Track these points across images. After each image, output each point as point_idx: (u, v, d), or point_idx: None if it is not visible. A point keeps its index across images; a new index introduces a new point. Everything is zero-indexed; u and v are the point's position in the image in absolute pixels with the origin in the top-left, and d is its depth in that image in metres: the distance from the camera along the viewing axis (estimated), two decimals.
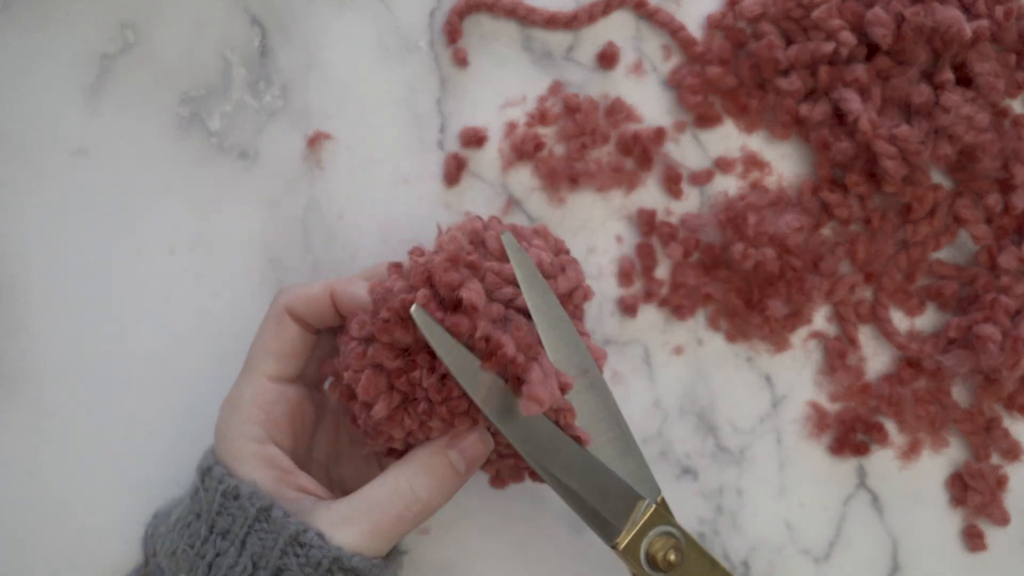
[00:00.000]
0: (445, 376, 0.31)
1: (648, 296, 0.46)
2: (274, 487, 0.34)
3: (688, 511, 0.45)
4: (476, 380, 0.31)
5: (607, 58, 0.46)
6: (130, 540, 0.42)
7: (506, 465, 0.38)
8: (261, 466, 0.34)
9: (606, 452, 0.34)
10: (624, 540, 0.33)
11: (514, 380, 0.31)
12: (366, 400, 0.32)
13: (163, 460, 0.43)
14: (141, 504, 0.41)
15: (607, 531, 0.33)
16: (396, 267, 0.34)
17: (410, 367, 0.32)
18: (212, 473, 0.34)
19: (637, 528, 0.33)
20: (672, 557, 0.33)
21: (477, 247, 0.34)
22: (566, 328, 0.33)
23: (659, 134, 0.46)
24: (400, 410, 0.33)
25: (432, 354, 0.31)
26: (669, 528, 0.34)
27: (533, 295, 0.33)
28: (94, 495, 0.44)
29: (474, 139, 0.45)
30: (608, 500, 0.33)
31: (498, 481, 0.42)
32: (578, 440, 0.32)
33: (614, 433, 0.34)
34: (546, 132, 0.46)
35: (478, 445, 0.34)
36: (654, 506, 0.34)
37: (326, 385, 0.39)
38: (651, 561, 0.33)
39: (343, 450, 0.40)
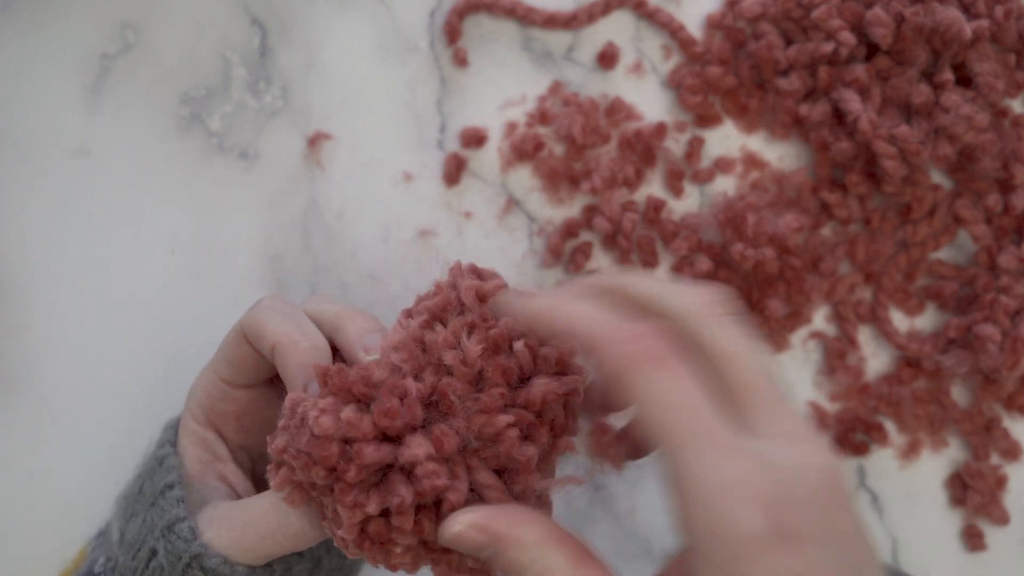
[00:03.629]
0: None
1: None
2: (199, 468, 0.34)
3: None
4: None
5: (607, 58, 0.46)
6: None
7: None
8: (197, 445, 0.35)
9: None
10: None
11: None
12: (278, 490, 0.31)
13: None
14: None
15: None
16: (329, 377, 0.29)
17: (320, 492, 0.30)
18: (163, 434, 0.36)
19: None
20: None
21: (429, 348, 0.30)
22: None
23: (660, 129, 0.46)
24: (313, 503, 0.31)
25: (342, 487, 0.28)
26: None
27: None
28: (94, 495, 0.44)
29: (474, 139, 0.45)
30: None
31: None
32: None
33: None
34: (546, 132, 0.46)
35: None
36: None
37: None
38: None
39: None
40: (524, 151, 0.45)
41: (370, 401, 0.28)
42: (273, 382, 0.36)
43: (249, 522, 0.32)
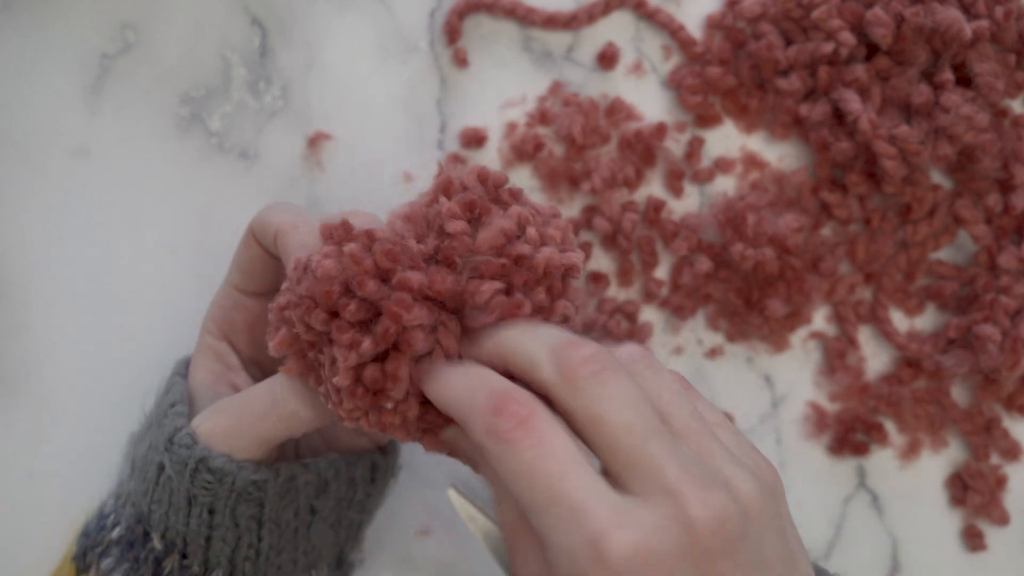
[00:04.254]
0: (358, 376, 0.29)
1: (648, 297, 0.46)
2: (211, 379, 0.36)
3: None
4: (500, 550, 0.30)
5: (607, 58, 0.46)
6: None
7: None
8: (209, 356, 0.36)
9: None
10: None
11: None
12: (277, 354, 0.31)
13: None
14: None
15: None
16: (334, 230, 0.30)
17: (317, 347, 0.30)
18: (175, 368, 0.37)
19: None
20: None
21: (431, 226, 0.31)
22: None
23: (660, 129, 0.46)
24: (310, 374, 0.31)
25: (337, 343, 0.29)
26: None
27: None
28: (94, 495, 0.44)
29: (474, 139, 0.45)
30: None
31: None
32: None
33: None
34: (546, 132, 0.46)
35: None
36: None
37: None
38: None
39: None
40: (524, 151, 0.45)
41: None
42: None
43: (244, 406, 0.33)
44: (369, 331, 0.28)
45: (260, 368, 0.38)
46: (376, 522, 0.40)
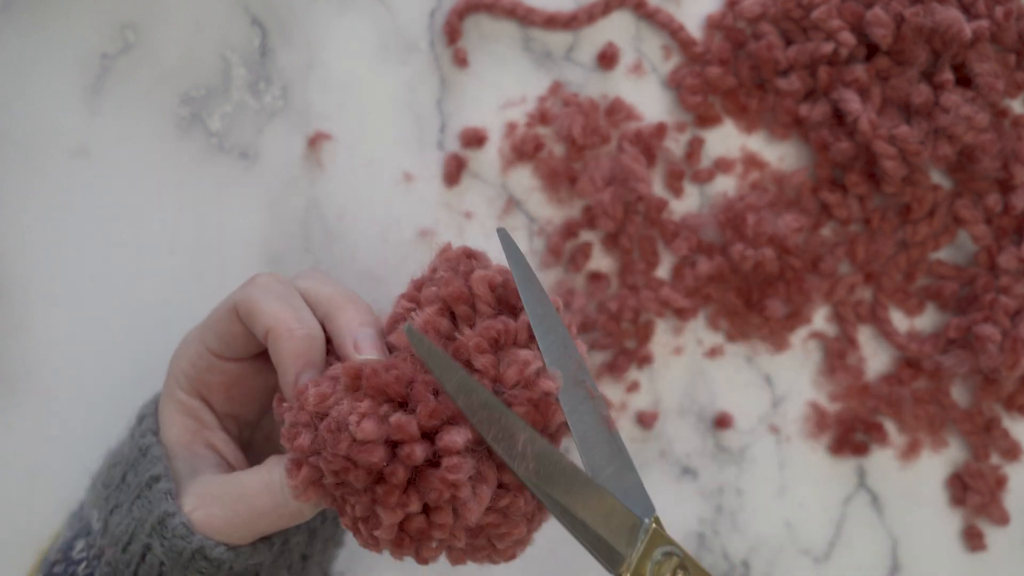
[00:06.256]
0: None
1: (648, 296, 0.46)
2: (187, 437, 0.34)
3: (688, 511, 0.45)
4: (487, 420, 0.30)
5: (607, 58, 0.46)
6: None
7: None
8: (182, 412, 0.34)
9: (605, 471, 0.32)
10: (629, 567, 0.31)
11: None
12: (296, 494, 0.31)
13: None
14: None
15: (612, 558, 0.31)
16: (363, 378, 0.29)
17: (343, 488, 0.30)
18: (143, 422, 0.35)
19: (640, 552, 0.32)
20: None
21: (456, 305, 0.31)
22: (561, 335, 0.32)
23: (660, 129, 0.46)
24: (327, 503, 0.31)
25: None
26: (670, 548, 0.32)
27: (530, 298, 0.32)
28: None
29: (474, 139, 0.45)
30: (611, 526, 0.31)
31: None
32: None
33: (610, 448, 0.33)
34: (546, 132, 0.46)
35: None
36: (653, 526, 0.32)
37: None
38: None
39: None
40: (524, 151, 0.45)
41: (403, 400, 0.29)
42: (264, 354, 0.36)
43: (242, 500, 0.32)
44: (411, 486, 0.28)
45: (237, 422, 0.36)
46: None
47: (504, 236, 0.33)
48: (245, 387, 0.36)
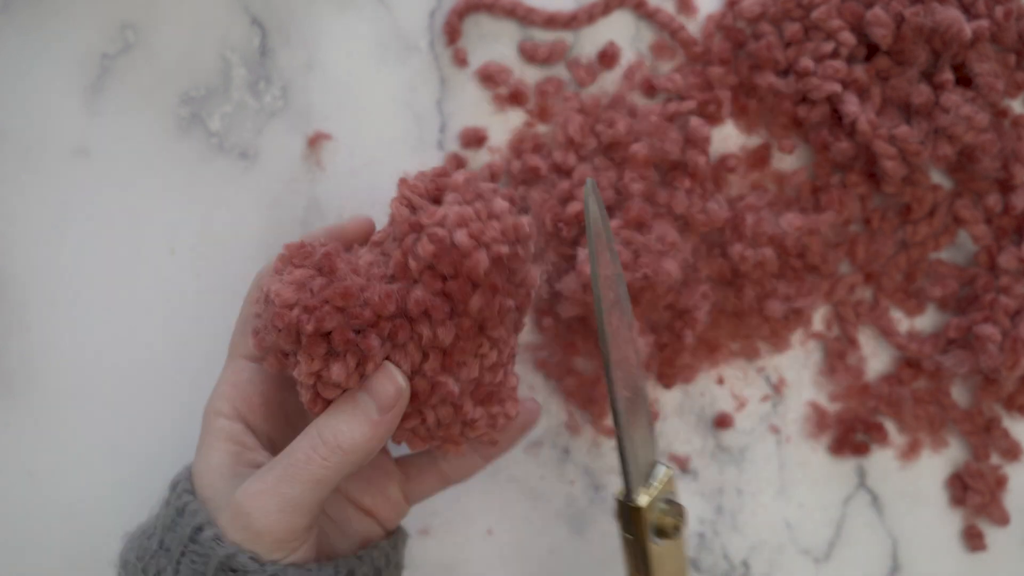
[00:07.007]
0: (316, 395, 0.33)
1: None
2: (230, 462, 0.34)
3: (688, 511, 0.45)
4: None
5: (607, 58, 0.46)
6: None
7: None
8: (225, 439, 0.35)
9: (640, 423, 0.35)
10: (644, 500, 0.35)
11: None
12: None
13: (163, 460, 0.43)
14: (141, 504, 0.41)
15: (628, 484, 0.35)
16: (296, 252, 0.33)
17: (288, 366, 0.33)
18: (177, 487, 0.35)
19: (656, 492, 0.35)
20: (679, 525, 0.35)
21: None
22: (627, 308, 0.35)
23: None
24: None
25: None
26: (677, 500, 0.36)
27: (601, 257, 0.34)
28: (94, 495, 0.44)
29: (474, 139, 0.45)
30: (638, 453, 0.35)
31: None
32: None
33: (648, 420, 0.36)
34: (546, 132, 0.46)
35: (386, 383, 0.32)
36: (672, 475, 0.35)
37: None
38: (658, 526, 0.35)
39: None
40: (524, 151, 0.45)
41: (332, 270, 0.32)
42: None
43: (291, 466, 0.32)
44: (327, 340, 0.31)
45: (274, 444, 0.37)
46: None
47: (592, 187, 0.34)
48: (278, 400, 0.37)
